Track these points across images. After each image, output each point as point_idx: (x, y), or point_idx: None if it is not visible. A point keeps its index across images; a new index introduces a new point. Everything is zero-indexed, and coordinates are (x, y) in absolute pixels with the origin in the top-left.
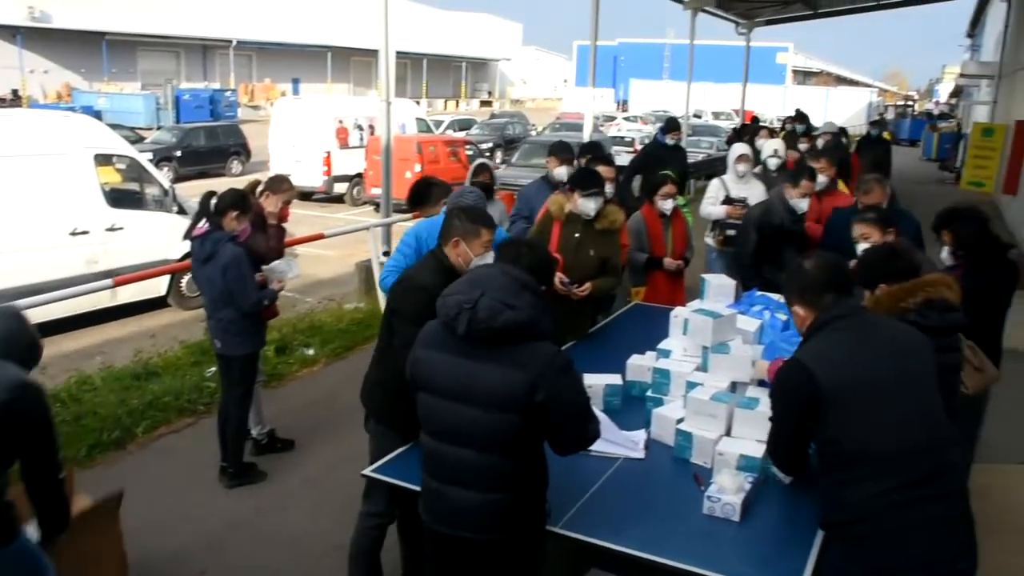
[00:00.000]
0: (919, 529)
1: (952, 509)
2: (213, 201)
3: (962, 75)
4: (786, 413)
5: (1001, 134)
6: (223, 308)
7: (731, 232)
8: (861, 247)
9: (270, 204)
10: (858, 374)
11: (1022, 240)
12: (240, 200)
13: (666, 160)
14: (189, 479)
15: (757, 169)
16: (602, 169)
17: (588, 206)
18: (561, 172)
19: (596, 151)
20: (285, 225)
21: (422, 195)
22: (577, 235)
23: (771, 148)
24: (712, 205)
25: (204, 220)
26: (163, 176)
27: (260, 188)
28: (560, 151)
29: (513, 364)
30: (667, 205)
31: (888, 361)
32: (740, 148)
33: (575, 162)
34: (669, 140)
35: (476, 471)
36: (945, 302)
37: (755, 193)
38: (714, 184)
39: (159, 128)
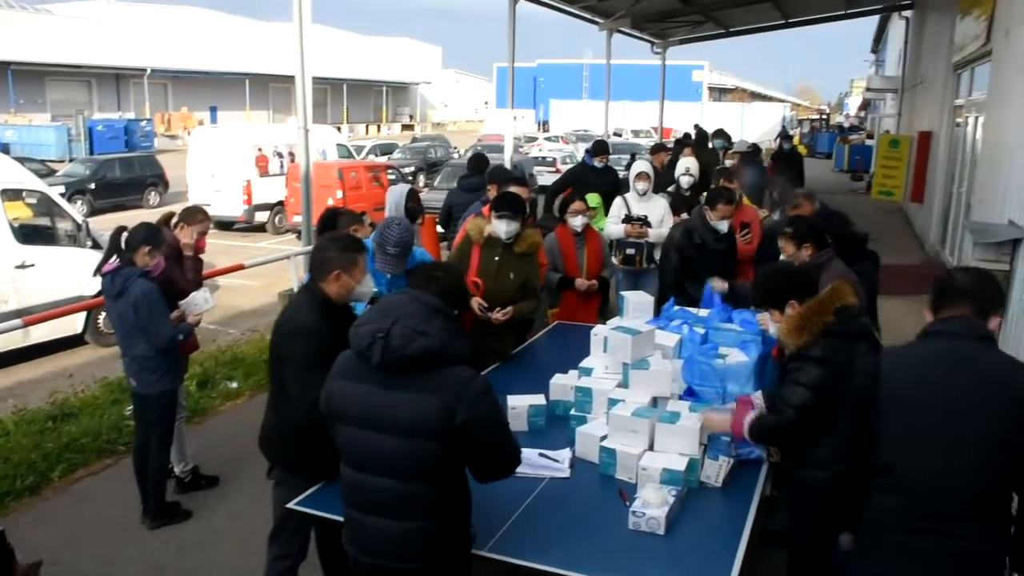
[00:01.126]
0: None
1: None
2: (124, 236)
3: (868, 89)
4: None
5: (906, 145)
6: (137, 345)
7: (630, 251)
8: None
9: (185, 236)
10: (923, 391)
11: (931, 246)
12: (152, 235)
13: (596, 182)
14: (110, 523)
15: (671, 188)
16: (516, 189)
17: (500, 228)
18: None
19: (504, 175)
20: (203, 256)
21: (330, 224)
22: (497, 259)
23: (683, 167)
24: (614, 224)
25: (114, 256)
26: (75, 210)
27: (175, 220)
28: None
29: (429, 390)
30: (578, 222)
31: (969, 395)
32: (640, 166)
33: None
34: (598, 163)
35: (398, 500)
36: (855, 307)
37: (656, 211)
38: (616, 203)
39: (71, 160)
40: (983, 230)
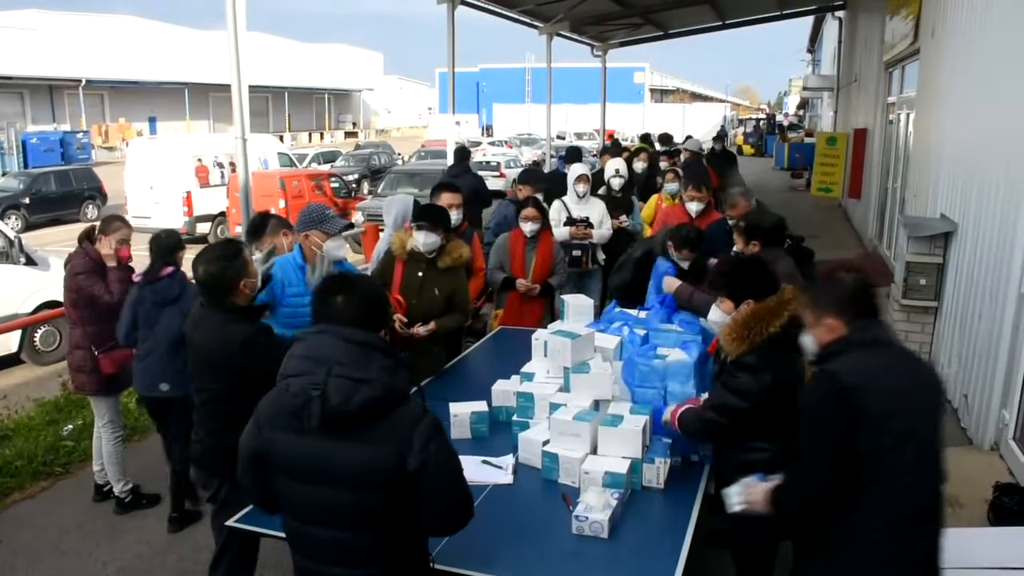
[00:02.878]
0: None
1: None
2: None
3: (805, 88)
4: (829, 432)
5: (843, 142)
6: (183, 349)
7: (577, 253)
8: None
9: (104, 246)
10: (903, 402)
11: (869, 240)
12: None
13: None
14: (46, 547)
15: (601, 190)
16: (446, 196)
17: (419, 239)
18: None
19: (537, 176)
20: (133, 265)
21: (258, 228)
22: (420, 274)
23: (612, 168)
24: (556, 227)
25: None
26: (7, 226)
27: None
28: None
29: (377, 440)
30: (527, 227)
31: (925, 395)
32: (579, 169)
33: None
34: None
35: (346, 549)
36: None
37: (595, 212)
38: (555, 206)
39: (4, 174)
40: (916, 224)
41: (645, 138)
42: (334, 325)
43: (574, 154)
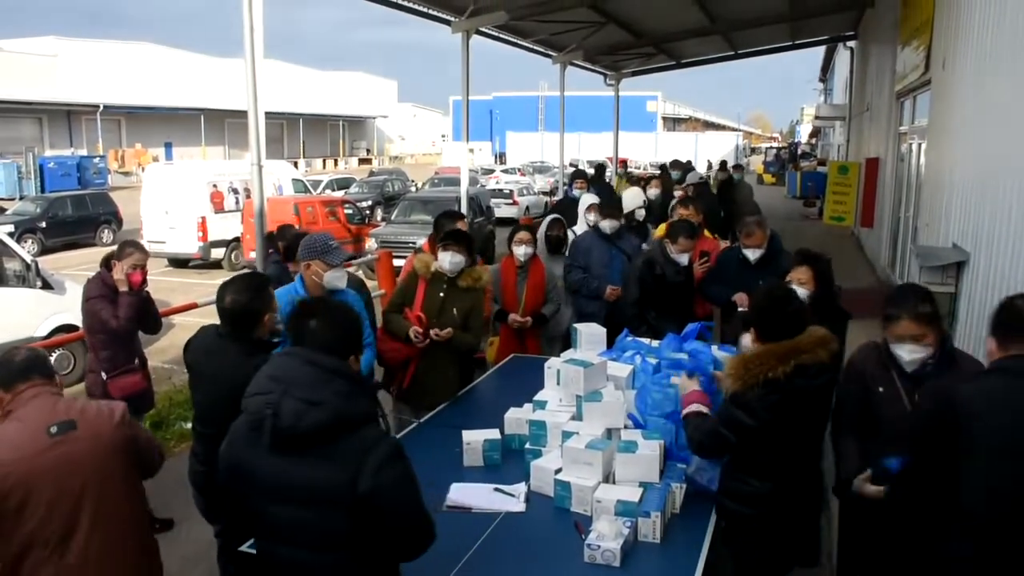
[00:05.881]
0: None
1: None
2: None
3: (818, 117)
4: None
5: (855, 171)
6: None
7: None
8: (800, 291)
9: (117, 272)
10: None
11: (881, 269)
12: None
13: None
14: None
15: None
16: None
17: (445, 260)
18: (605, 225)
19: (449, 216)
20: (149, 291)
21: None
22: (441, 294)
23: (639, 200)
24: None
25: None
26: (23, 249)
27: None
28: (605, 207)
29: (330, 459)
30: (520, 252)
31: None
32: (589, 199)
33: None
34: (576, 190)
35: (312, 571)
36: (820, 365)
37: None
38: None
39: (21, 198)
40: (928, 253)
41: (675, 164)
42: (304, 348)
43: (577, 174)
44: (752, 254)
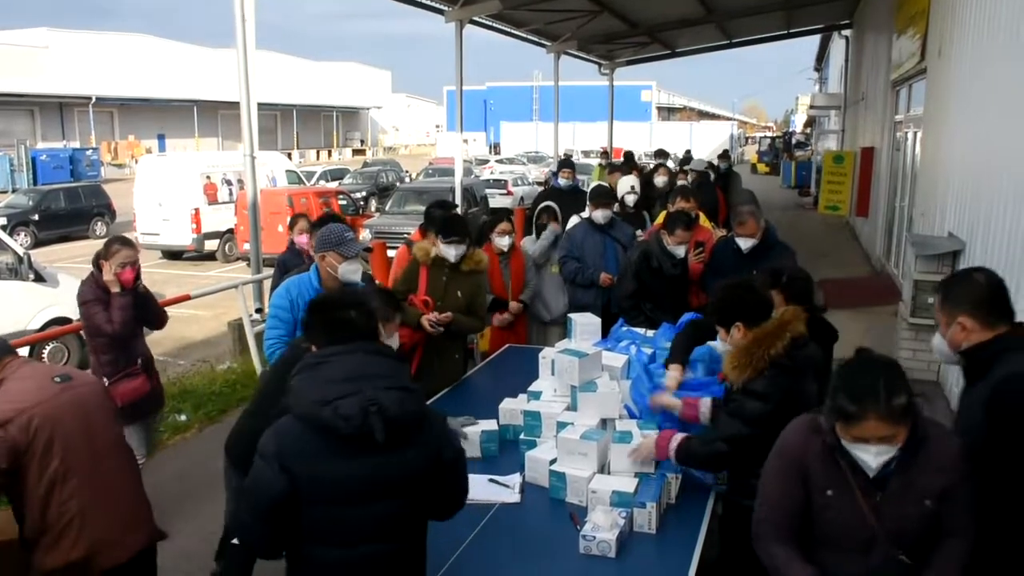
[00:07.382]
0: None
1: None
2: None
3: (812, 106)
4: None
5: (850, 160)
6: None
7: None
8: None
9: (106, 272)
10: None
11: (876, 259)
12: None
13: (567, 204)
14: None
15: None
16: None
17: (449, 252)
18: (597, 215)
19: (441, 204)
20: (148, 288)
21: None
22: (444, 278)
23: (627, 184)
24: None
25: None
26: (15, 242)
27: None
28: (598, 197)
29: (420, 440)
30: (503, 242)
31: None
32: (630, 180)
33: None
34: (562, 180)
35: (388, 563)
36: (802, 337)
37: None
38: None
39: (14, 191)
40: (923, 243)
41: (660, 153)
42: (359, 343)
43: (564, 163)
44: (744, 243)
